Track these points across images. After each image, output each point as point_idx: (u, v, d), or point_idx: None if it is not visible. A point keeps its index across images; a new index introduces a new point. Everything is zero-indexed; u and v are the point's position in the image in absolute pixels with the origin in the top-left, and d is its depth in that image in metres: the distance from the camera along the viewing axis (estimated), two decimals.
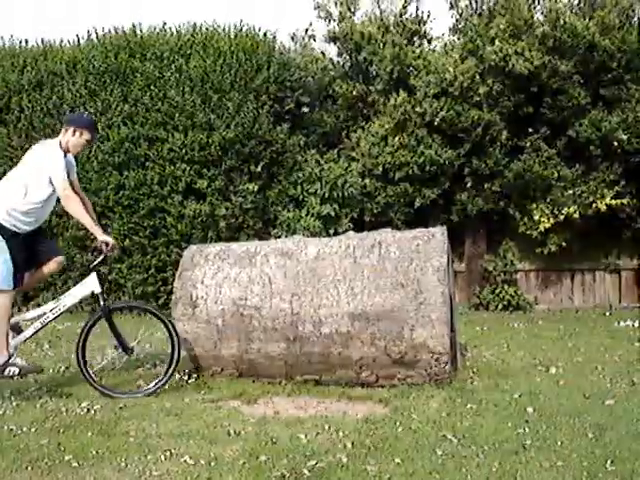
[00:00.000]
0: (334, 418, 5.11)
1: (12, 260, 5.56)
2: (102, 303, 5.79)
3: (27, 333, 5.81)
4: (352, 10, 11.56)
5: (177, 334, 5.82)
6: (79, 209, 5.67)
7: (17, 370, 5.61)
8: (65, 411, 5.34)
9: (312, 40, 11.90)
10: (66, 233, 10.43)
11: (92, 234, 10.28)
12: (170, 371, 5.82)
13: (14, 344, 5.73)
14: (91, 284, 5.81)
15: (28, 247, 5.73)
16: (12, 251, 5.56)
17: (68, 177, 5.75)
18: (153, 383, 5.87)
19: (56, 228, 10.51)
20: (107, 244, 5.70)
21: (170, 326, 5.83)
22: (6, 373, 5.60)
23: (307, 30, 11.84)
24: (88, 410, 5.36)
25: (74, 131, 5.77)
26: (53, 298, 10.48)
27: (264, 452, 4.38)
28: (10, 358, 5.60)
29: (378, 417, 5.10)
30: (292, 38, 11.97)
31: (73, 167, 6.01)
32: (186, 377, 6.14)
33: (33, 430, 4.90)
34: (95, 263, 5.85)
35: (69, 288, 10.35)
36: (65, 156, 5.76)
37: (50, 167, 5.60)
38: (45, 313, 5.82)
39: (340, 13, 11.49)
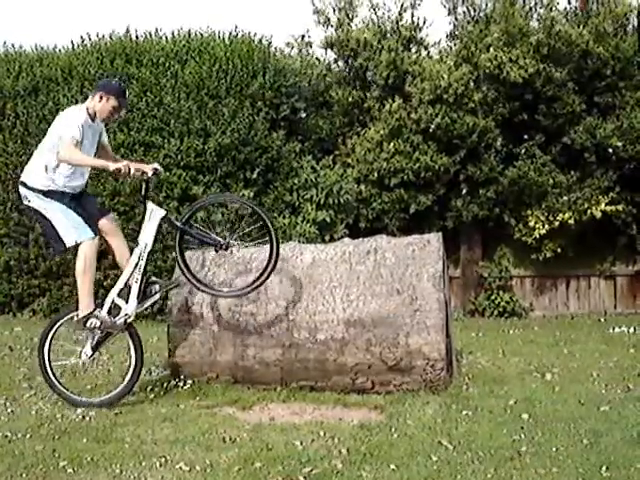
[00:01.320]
0: (329, 424, 5.11)
1: (75, 212, 5.60)
2: (175, 223, 5.74)
3: (134, 291, 5.67)
4: (350, 16, 11.59)
5: (272, 223, 5.62)
6: (80, 156, 5.52)
7: (98, 323, 5.59)
8: (60, 417, 5.33)
9: (308, 46, 11.94)
10: None
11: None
12: (271, 265, 5.52)
13: (131, 309, 5.65)
14: (154, 212, 5.72)
15: (80, 204, 5.72)
16: (69, 206, 5.60)
17: (97, 142, 5.84)
18: (251, 279, 5.72)
19: None
20: (120, 170, 5.40)
21: (257, 209, 5.66)
22: (88, 324, 5.60)
23: (303, 36, 11.88)
24: (83, 417, 5.35)
25: (100, 97, 5.66)
26: (48, 304, 10.60)
27: (259, 458, 4.38)
28: (94, 310, 5.61)
29: (373, 423, 5.10)
30: (288, 44, 12.01)
31: (100, 132, 5.93)
32: (181, 383, 6.12)
33: (28, 436, 4.89)
34: (144, 192, 5.71)
35: (64, 294, 10.46)
36: (93, 120, 5.71)
37: (61, 129, 5.52)
38: (137, 263, 5.67)
39: (338, 19, 11.52)
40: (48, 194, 5.58)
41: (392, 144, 10.59)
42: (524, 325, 10.04)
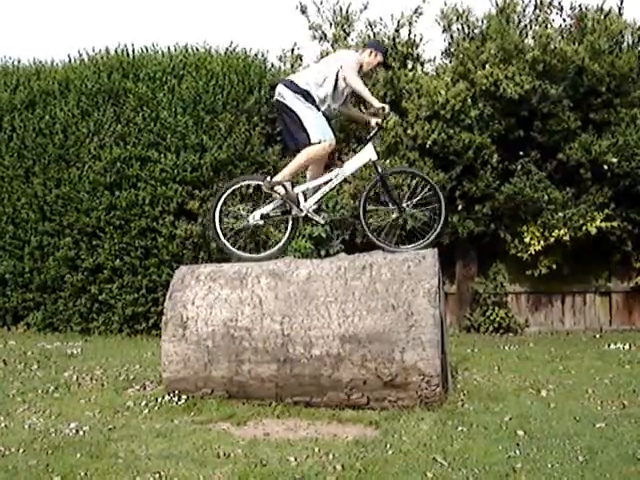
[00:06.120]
0: (324, 440, 5.09)
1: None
2: (378, 169, 6.69)
3: (317, 196, 6.79)
4: (346, 32, 11.61)
5: (443, 195, 6.70)
6: (361, 85, 6.68)
7: (283, 191, 6.63)
8: (54, 432, 5.31)
9: (300, 60, 11.89)
10: (57, 253, 10.40)
11: (83, 253, 10.32)
12: (440, 225, 6.62)
13: (307, 206, 6.73)
14: (369, 153, 6.76)
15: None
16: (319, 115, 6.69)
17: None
18: (427, 236, 6.71)
19: (47, 248, 10.50)
20: (384, 109, 6.70)
21: (437, 188, 6.68)
22: (275, 188, 6.66)
23: (293, 50, 11.84)
24: (77, 431, 5.33)
25: (370, 52, 6.91)
26: (42, 318, 10.58)
27: (254, 474, 4.36)
28: (284, 184, 6.60)
29: (368, 440, 5.08)
30: (280, 58, 11.96)
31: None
32: (176, 398, 6.10)
33: (21, 451, 4.86)
34: (372, 134, 6.85)
35: (58, 308, 10.45)
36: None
37: (344, 60, 6.71)
38: (331, 179, 6.78)
39: (334, 35, 11.54)
40: (309, 98, 6.61)
41: (388, 160, 10.59)
42: (519, 341, 10.03)
